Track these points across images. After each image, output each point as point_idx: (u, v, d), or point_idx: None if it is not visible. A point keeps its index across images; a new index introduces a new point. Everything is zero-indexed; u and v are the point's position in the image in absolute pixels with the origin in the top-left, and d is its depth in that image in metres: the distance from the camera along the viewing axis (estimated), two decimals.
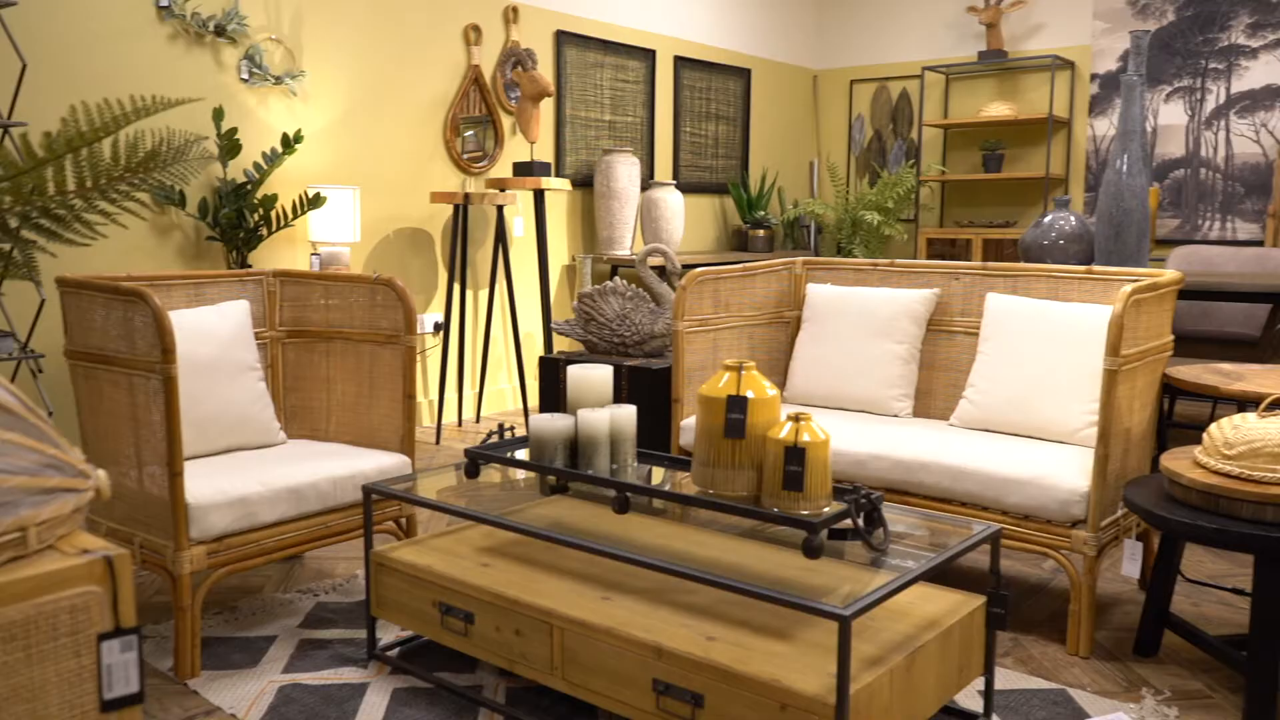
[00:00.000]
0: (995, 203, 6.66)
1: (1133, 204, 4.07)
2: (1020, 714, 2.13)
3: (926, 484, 2.61)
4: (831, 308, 3.23)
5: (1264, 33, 5.67)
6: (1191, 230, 5.98)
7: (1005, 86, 6.56)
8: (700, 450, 2.02)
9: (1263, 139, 5.72)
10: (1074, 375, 2.65)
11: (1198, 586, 2.86)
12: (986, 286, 3.06)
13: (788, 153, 7.17)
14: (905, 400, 3.07)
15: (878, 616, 1.95)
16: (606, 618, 1.95)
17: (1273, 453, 2.07)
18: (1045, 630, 2.57)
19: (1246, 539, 2.03)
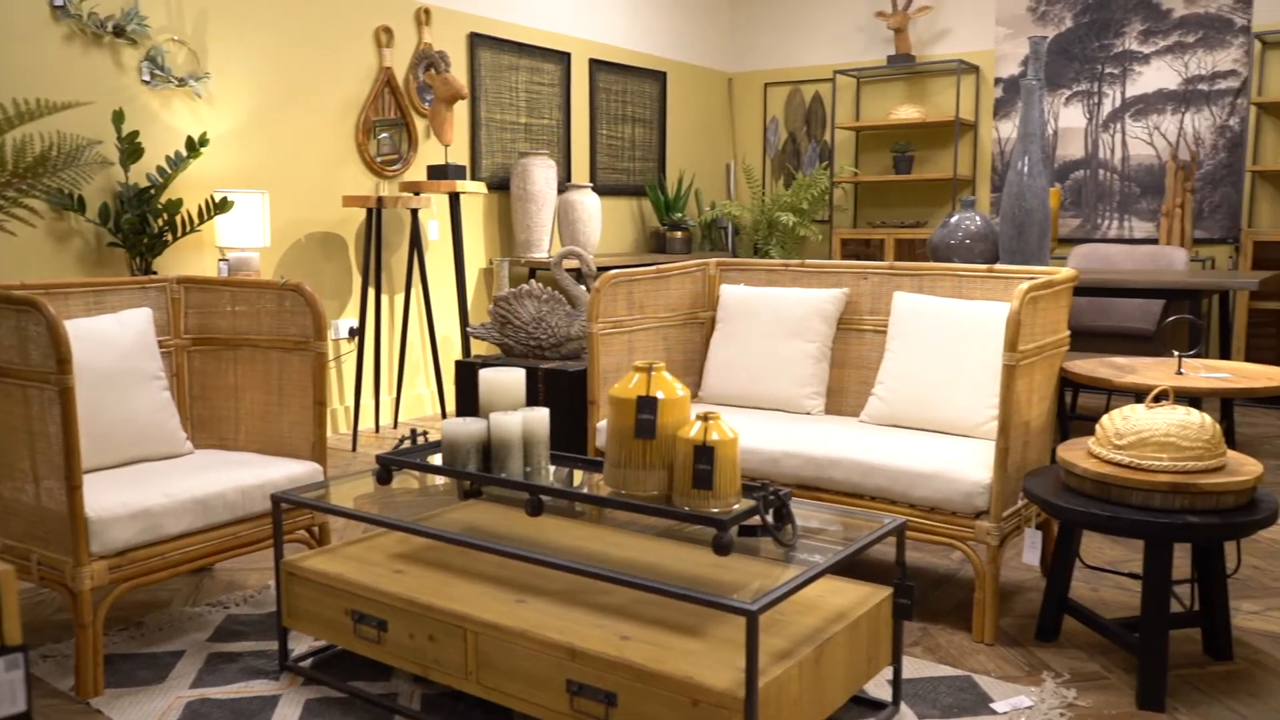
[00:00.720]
0: (906, 203, 6.82)
1: (1034, 204, 4.21)
2: (928, 701, 2.19)
3: (837, 480, 2.67)
4: (744, 308, 3.27)
5: (1155, 39, 5.90)
6: (1092, 229, 6.19)
7: (914, 90, 6.72)
8: (612, 451, 2.04)
9: (1156, 141, 5.95)
10: (977, 371, 2.74)
11: (1096, 572, 2.97)
12: (894, 285, 3.14)
13: (704, 155, 7.24)
14: (817, 398, 3.13)
15: (787, 610, 1.99)
16: (520, 621, 1.95)
17: (1159, 442, 2.16)
18: (953, 619, 2.64)
19: (1136, 525, 2.12)
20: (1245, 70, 5.66)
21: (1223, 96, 5.75)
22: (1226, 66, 5.72)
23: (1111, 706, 2.17)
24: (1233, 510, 2.14)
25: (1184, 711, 2.15)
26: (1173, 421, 2.17)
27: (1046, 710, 2.14)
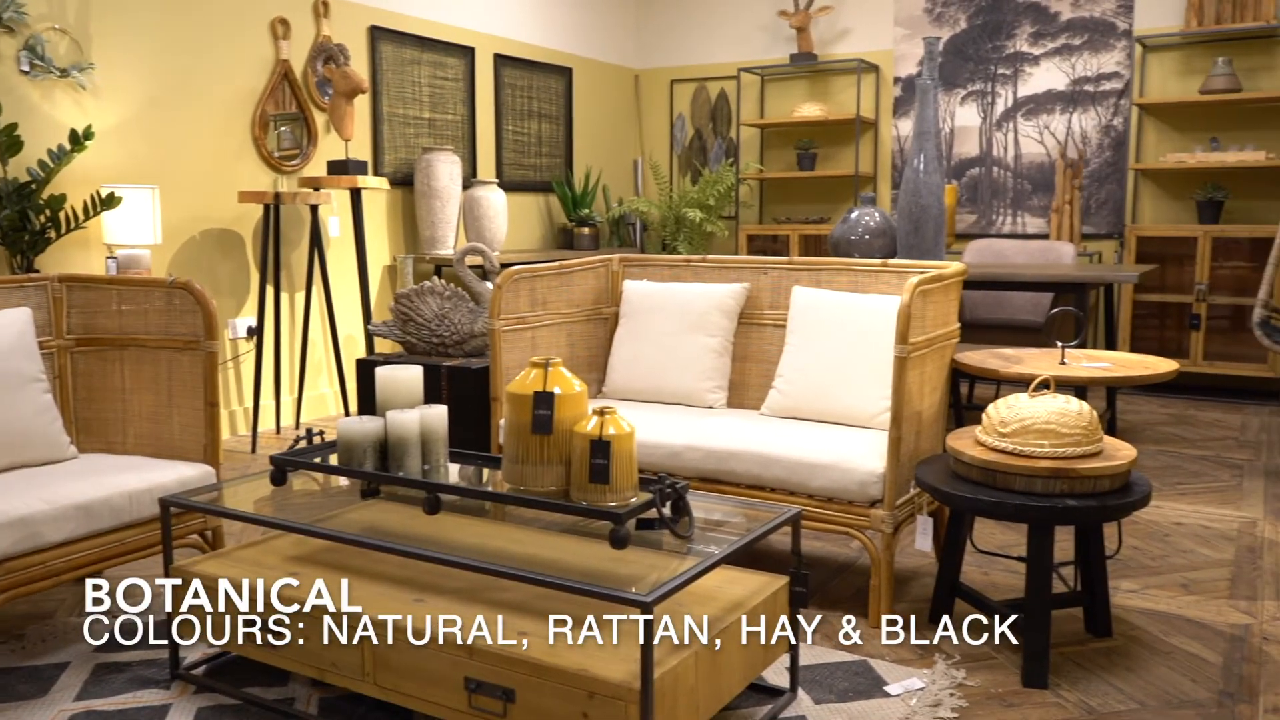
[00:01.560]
0: (810, 200, 6.93)
1: (930, 200, 4.33)
2: (824, 687, 2.24)
3: (738, 472, 2.71)
4: (647, 303, 3.29)
5: (1044, 41, 6.12)
6: (987, 225, 6.39)
7: (817, 88, 6.84)
8: (510, 447, 2.03)
9: (1046, 140, 6.17)
10: (871, 363, 2.80)
11: (988, 556, 3.07)
12: (793, 280, 3.19)
13: (612, 151, 7.25)
14: (719, 392, 3.17)
15: (685, 601, 2.01)
16: (418, 620, 1.94)
17: (1041, 429, 2.24)
18: (851, 605, 2.70)
19: (1019, 509, 2.20)
20: (1128, 72, 5.91)
21: (1107, 97, 5.98)
22: (1110, 69, 5.96)
23: (998, 685, 2.25)
24: (1109, 493, 2.24)
25: (1066, 688, 2.24)
26: (1053, 410, 2.26)
27: (937, 691, 2.21)
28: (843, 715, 2.11)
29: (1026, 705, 2.17)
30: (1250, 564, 3.00)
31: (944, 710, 2.13)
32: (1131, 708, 2.15)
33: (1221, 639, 2.49)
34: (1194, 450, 4.39)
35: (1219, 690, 2.23)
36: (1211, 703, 2.17)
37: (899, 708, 2.14)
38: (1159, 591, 2.79)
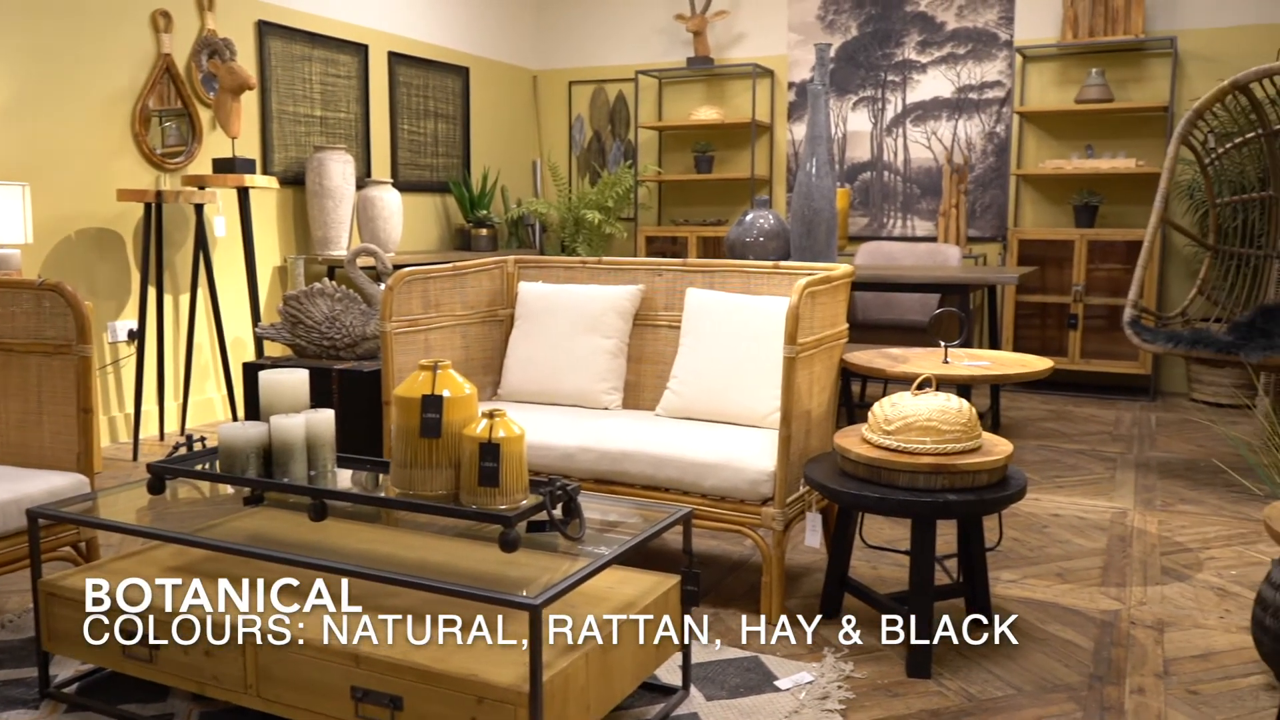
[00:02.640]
0: (708, 202, 7.01)
1: (822, 204, 4.42)
2: (716, 683, 2.26)
3: (632, 473, 2.72)
4: (542, 305, 3.28)
5: (931, 50, 6.31)
6: (879, 228, 6.55)
7: (713, 92, 6.92)
8: (398, 451, 2.01)
9: (933, 146, 6.36)
10: (763, 363, 2.84)
11: (876, 551, 3.15)
12: (687, 282, 3.22)
13: (510, 152, 7.21)
14: (615, 393, 3.18)
15: (577, 603, 2.01)
16: (304, 630, 1.89)
17: (923, 426, 2.31)
18: (744, 602, 2.74)
19: (902, 505, 2.27)
20: (1009, 81, 6.13)
21: (990, 105, 6.20)
22: (993, 77, 6.18)
23: (884, 676, 2.31)
24: (987, 487, 2.32)
25: (948, 676, 2.31)
26: (934, 407, 2.33)
27: (825, 684, 2.26)
28: (734, 711, 2.14)
29: (910, 695, 2.23)
30: (1121, 552, 3.14)
31: (831, 702, 2.18)
32: (1008, 693, 2.24)
33: (1093, 625, 2.60)
34: (1071, 445, 4.58)
35: (1090, 674, 2.33)
36: (1082, 686, 2.27)
37: (788, 701, 2.18)
38: (1036, 581, 2.91)
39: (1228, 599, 2.77)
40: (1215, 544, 3.22)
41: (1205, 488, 3.86)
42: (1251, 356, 3.75)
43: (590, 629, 1.89)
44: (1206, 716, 2.13)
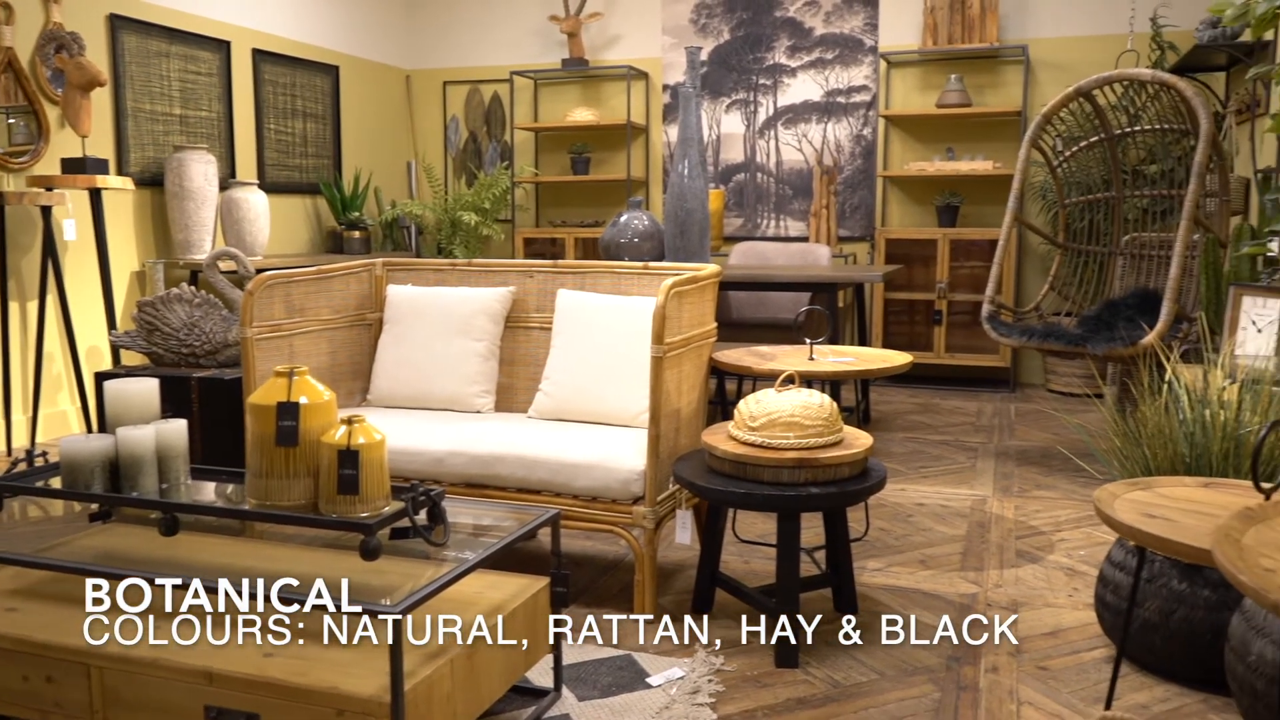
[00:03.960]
0: (585, 203, 7.02)
1: (694, 205, 4.48)
2: (588, 683, 2.27)
3: (503, 475, 2.70)
4: (412, 308, 3.23)
5: (800, 55, 6.46)
6: (753, 228, 6.67)
7: (589, 93, 6.93)
8: (254, 461, 1.95)
9: (804, 148, 6.51)
10: (634, 363, 2.86)
11: (749, 545, 3.21)
12: (558, 283, 3.22)
13: (383, 153, 7.07)
14: (487, 396, 3.15)
15: (442, 609, 1.98)
16: (153, 649, 1.82)
17: (786, 422, 2.37)
18: (618, 601, 2.75)
19: (767, 499, 2.31)
20: (874, 86, 6.33)
21: (857, 109, 6.38)
22: (860, 82, 6.36)
23: (754, 668, 2.36)
24: (848, 480, 2.38)
25: (815, 665, 2.37)
26: (797, 403, 2.39)
27: (696, 679, 2.29)
28: (606, 710, 2.15)
29: (779, 685, 2.28)
30: (979, 538, 3.28)
31: (702, 696, 2.21)
32: (872, 679, 2.31)
33: (952, 608, 2.70)
34: (936, 436, 4.75)
35: (948, 655, 2.42)
36: (941, 668, 2.36)
37: (660, 698, 2.20)
38: (900, 569, 3.01)
39: (1076, 578, 2.92)
40: (1066, 526, 3.39)
41: (1058, 473, 4.06)
42: (1097, 348, 3.96)
43: (456, 635, 1.87)
44: (1054, 690, 2.24)
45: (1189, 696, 2.22)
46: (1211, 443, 2.33)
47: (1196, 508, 1.75)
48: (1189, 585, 2.24)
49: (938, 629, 2.57)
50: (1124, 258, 4.69)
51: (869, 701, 2.20)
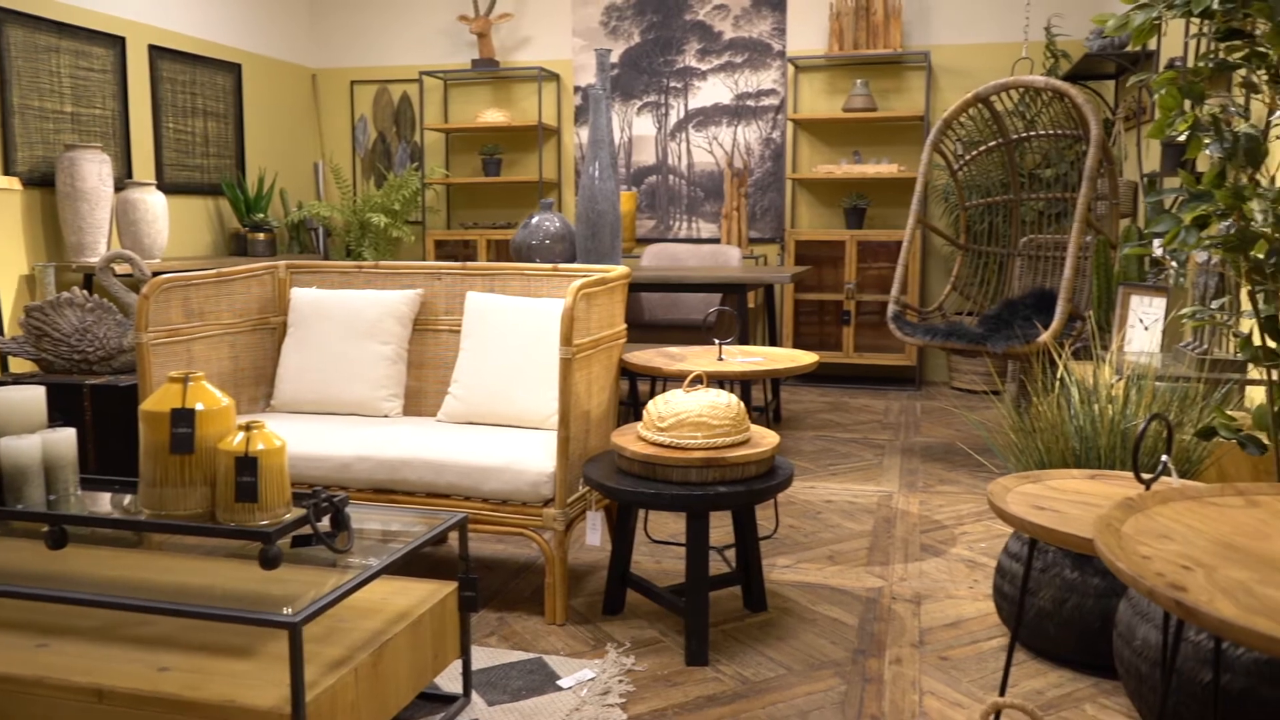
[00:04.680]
0: (498, 205, 6.97)
1: (605, 206, 4.48)
2: (499, 688, 2.25)
3: (411, 480, 2.67)
4: (316, 311, 3.17)
5: (710, 58, 6.52)
6: (665, 230, 6.71)
7: (500, 94, 6.89)
8: (147, 469, 1.89)
9: (715, 150, 6.58)
10: (543, 366, 2.86)
11: (660, 546, 3.23)
12: (467, 285, 3.19)
13: (289, 153, 6.92)
14: (395, 400, 3.11)
15: (347, 617, 1.96)
16: (40, 667, 1.75)
17: (694, 422, 2.39)
18: (529, 604, 2.74)
19: (676, 499, 2.33)
20: (783, 90, 6.42)
21: (766, 112, 6.47)
22: (768, 86, 6.45)
23: (664, 667, 2.37)
24: (755, 478, 2.41)
25: (725, 662, 2.40)
26: (704, 403, 2.41)
27: (607, 679, 2.29)
28: (515, 714, 2.14)
29: (689, 683, 2.30)
30: (885, 533, 3.35)
31: (613, 697, 2.21)
32: (780, 673, 2.34)
33: (859, 602, 2.76)
34: (845, 434, 4.84)
35: (854, 649, 2.47)
36: (847, 661, 2.41)
37: (570, 699, 2.20)
38: (809, 565, 3.06)
39: (976, 570, 3.00)
40: (967, 520, 3.48)
41: (961, 469, 4.18)
42: (996, 346, 4.08)
43: (360, 643, 1.84)
44: (954, 680, 2.30)
45: (1081, 681, 2.30)
46: (1099, 436, 2.42)
47: (1083, 499, 1.82)
48: (1080, 574, 2.32)
49: (845, 623, 2.62)
50: (1022, 258, 4.84)
51: (777, 697, 2.23)
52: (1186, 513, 1.45)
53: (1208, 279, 3.03)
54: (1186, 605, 1.10)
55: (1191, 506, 1.48)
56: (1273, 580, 1.18)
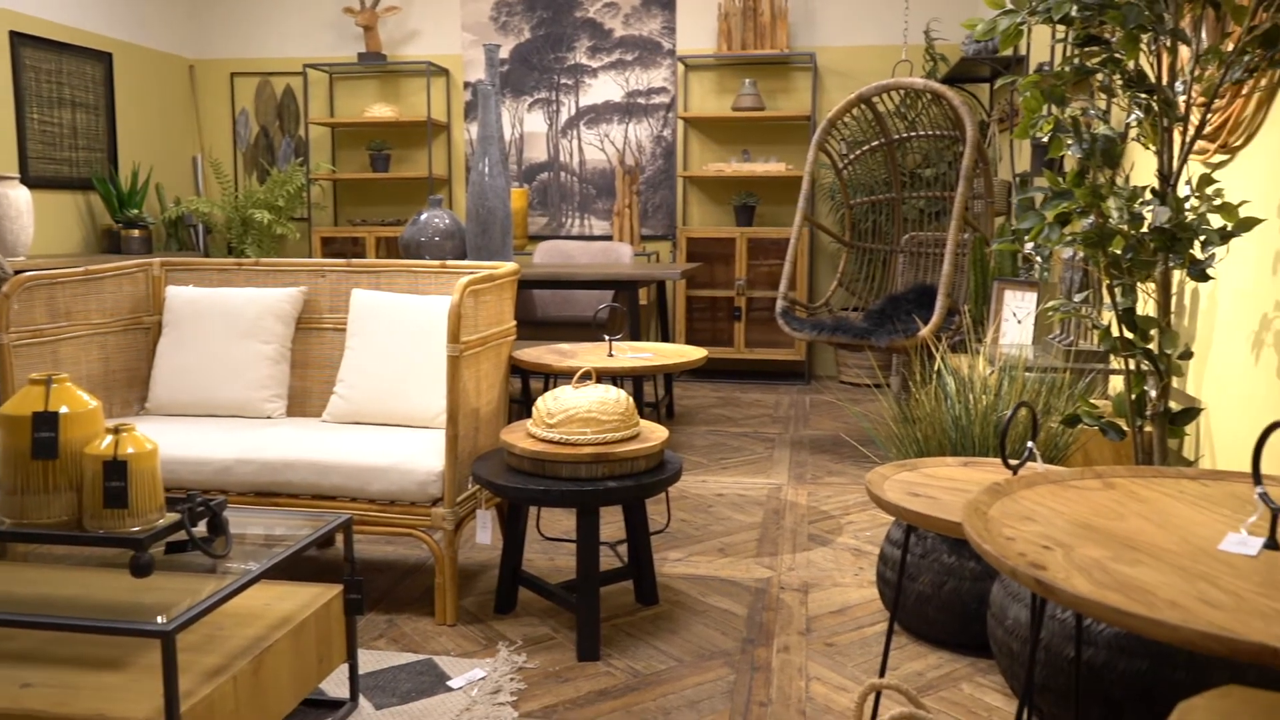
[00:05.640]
0: (387, 201, 6.85)
1: (495, 203, 4.45)
2: (387, 691, 2.22)
3: (295, 483, 2.60)
4: (194, 310, 3.06)
5: (601, 56, 6.53)
6: (558, 227, 6.70)
7: (387, 89, 6.77)
8: (7, 476, 1.80)
9: (606, 148, 6.59)
10: (431, 364, 2.82)
11: (553, 543, 3.22)
12: (352, 283, 3.13)
13: (165, 147, 6.67)
14: (278, 401, 3.03)
15: (226, 625, 1.90)
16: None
17: (583, 418, 2.39)
18: (419, 605, 2.71)
19: (566, 495, 2.33)
20: (673, 88, 6.47)
21: (657, 110, 6.52)
22: (659, 84, 6.49)
23: (556, 663, 2.37)
24: (645, 473, 2.43)
25: (616, 656, 2.41)
26: (594, 399, 2.42)
27: (498, 678, 2.28)
28: (404, 716, 2.11)
29: (580, 678, 2.30)
30: (774, 524, 3.42)
31: (503, 695, 2.20)
32: (670, 665, 2.37)
33: (748, 593, 2.81)
34: (737, 428, 4.92)
35: (743, 638, 2.51)
36: (736, 650, 2.45)
37: (460, 700, 2.18)
38: (700, 558, 3.09)
39: (862, 558, 3.09)
40: (854, 510, 3.58)
41: (848, 460, 4.29)
42: (880, 341, 4.20)
43: (243, 650, 1.79)
44: (839, 665, 2.36)
45: (959, 662, 2.39)
46: (974, 425, 2.52)
47: (956, 485, 1.89)
48: (958, 559, 2.41)
49: (734, 614, 2.66)
50: (904, 255, 4.99)
51: (668, 688, 2.25)
52: (1049, 496, 1.52)
53: (1073, 274, 3.17)
54: (1045, 583, 1.15)
55: (1054, 490, 1.55)
56: (1125, 557, 1.25)
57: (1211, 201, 2.03)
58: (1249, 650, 0.99)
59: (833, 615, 2.65)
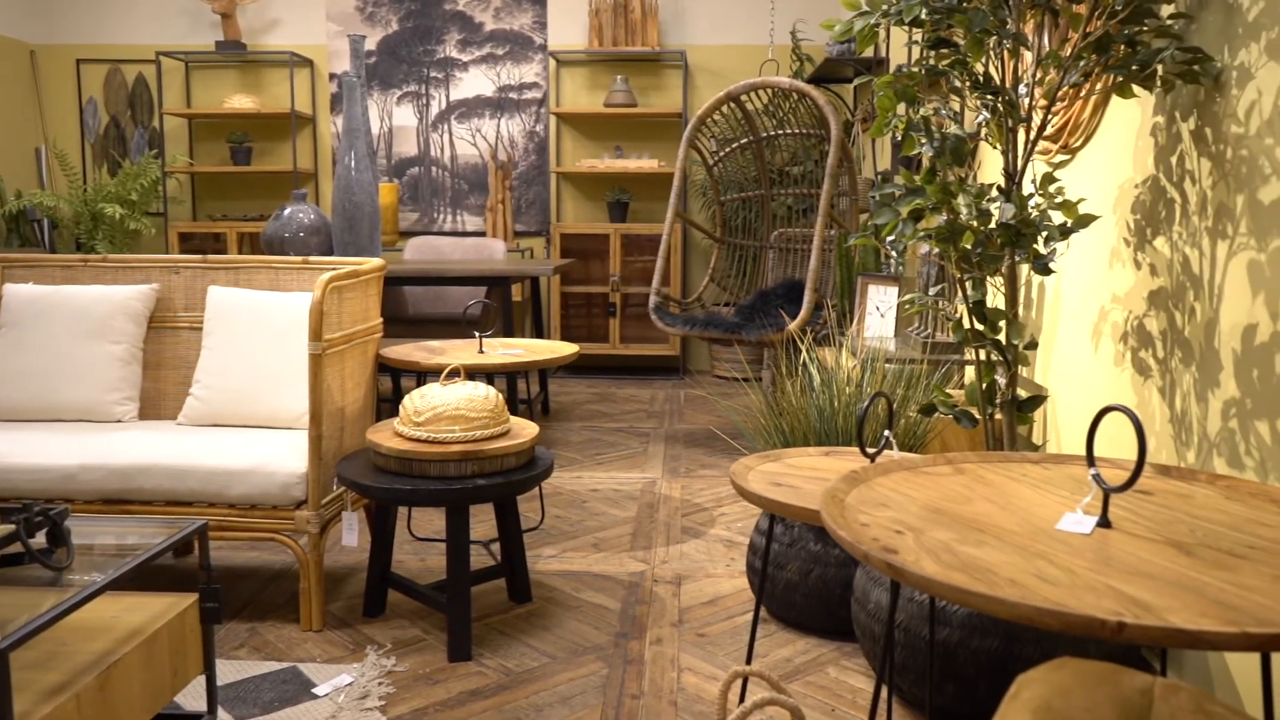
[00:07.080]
0: (249, 196, 6.61)
1: (363, 198, 4.34)
2: (249, 701, 2.15)
3: (148, 489, 2.49)
4: (35, 309, 2.89)
5: (471, 49, 6.45)
6: (430, 222, 6.59)
7: (248, 80, 6.53)
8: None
9: (479, 143, 6.52)
10: (293, 363, 2.74)
11: (424, 543, 3.17)
12: (209, 280, 3.01)
13: (4, 137, 6.27)
14: (129, 403, 2.89)
15: (69, 640, 1.80)
16: None
17: (452, 415, 2.36)
18: (283, 612, 2.62)
19: (434, 494, 2.29)
20: (545, 84, 6.45)
21: (529, 105, 6.48)
22: (531, 79, 6.46)
23: (426, 665, 2.33)
24: (515, 470, 2.42)
25: (488, 655, 2.39)
26: (462, 396, 2.39)
27: (366, 683, 2.23)
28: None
29: (451, 679, 2.27)
30: (649, 518, 3.44)
31: (371, 700, 2.15)
32: (544, 662, 2.36)
33: (621, 587, 2.82)
34: (612, 424, 4.93)
35: (616, 633, 2.52)
36: (610, 644, 2.45)
37: (326, 707, 2.12)
38: (574, 554, 3.09)
39: (734, 549, 3.14)
40: (726, 502, 3.63)
41: (720, 453, 4.35)
42: (750, 335, 4.28)
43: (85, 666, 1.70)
44: (711, 654, 2.40)
45: (825, 647, 2.45)
46: (837, 415, 2.59)
47: (817, 474, 1.94)
48: (823, 546, 2.47)
49: (608, 608, 2.67)
50: (774, 251, 5.10)
51: (540, 685, 2.25)
52: (903, 482, 1.58)
53: (929, 268, 3.30)
54: (896, 565, 1.19)
55: (908, 476, 1.61)
56: (971, 539, 1.31)
57: (1053, 199, 2.13)
58: (1079, 622, 1.04)
59: (705, 606, 2.69)
